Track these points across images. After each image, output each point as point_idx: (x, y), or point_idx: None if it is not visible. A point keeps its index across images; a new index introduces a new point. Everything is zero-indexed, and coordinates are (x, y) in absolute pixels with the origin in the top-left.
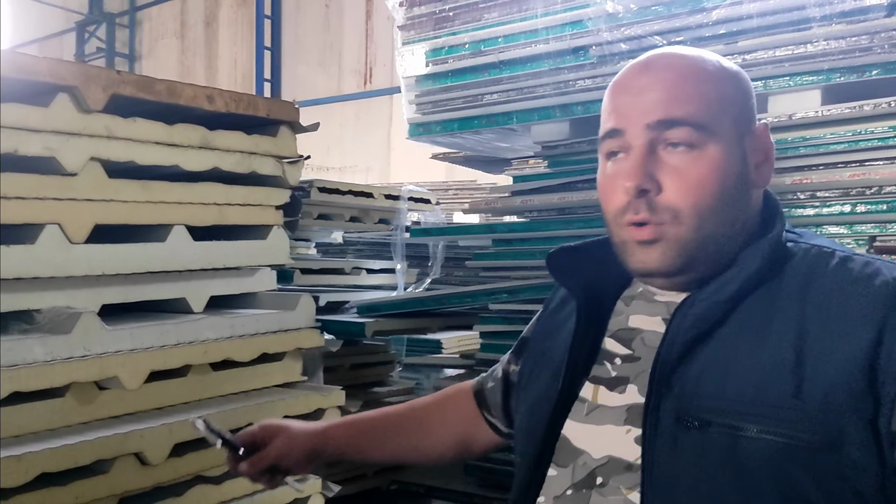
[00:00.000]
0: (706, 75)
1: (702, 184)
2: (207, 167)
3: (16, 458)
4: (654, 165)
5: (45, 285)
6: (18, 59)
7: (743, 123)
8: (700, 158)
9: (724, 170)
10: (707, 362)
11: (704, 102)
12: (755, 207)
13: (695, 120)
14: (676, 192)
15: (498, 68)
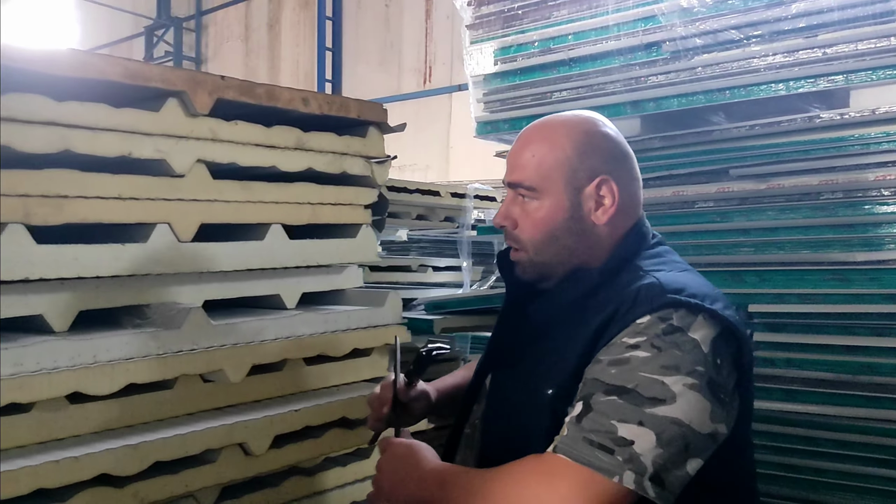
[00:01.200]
0: (545, 146)
1: (536, 226)
2: (302, 168)
3: (132, 447)
4: (515, 208)
5: (154, 282)
6: (131, 66)
7: (577, 179)
8: (536, 208)
9: (554, 217)
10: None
11: (537, 170)
12: (606, 240)
13: (528, 184)
14: (521, 230)
15: (567, 65)
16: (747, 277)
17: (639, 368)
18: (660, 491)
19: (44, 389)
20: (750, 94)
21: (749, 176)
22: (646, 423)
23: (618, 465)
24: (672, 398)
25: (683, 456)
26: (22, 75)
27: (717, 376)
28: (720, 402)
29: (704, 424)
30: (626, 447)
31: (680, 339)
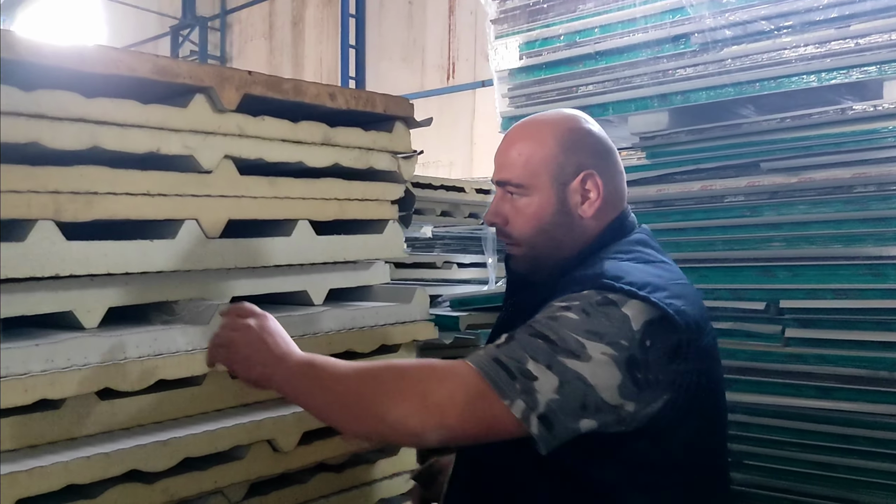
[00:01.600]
0: (531, 145)
1: (526, 221)
2: (329, 163)
3: (162, 443)
4: (505, 205)
5: (182, 278)
6: (160, 62)
7: (561, 177)
8: (526, 204)
9: (542, 212)
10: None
11: (524, 168)
12: (591, 231)
13: (516, 181)
14: (513, 226)
15: (593, 59)
16: (779, 273)
17: (565, 326)
18: (544, 432)
19: (74, 385)
20: (780, 85)
21: (780, 169)
22: (553, 367)
23: (513, 390)
24: (587, 359)
25: (579, 412)
26: (52, 72)
27: (640, 355)
28: (634, 381)
29: (610, 394)
30: (527, 379)
31: (611, 311)
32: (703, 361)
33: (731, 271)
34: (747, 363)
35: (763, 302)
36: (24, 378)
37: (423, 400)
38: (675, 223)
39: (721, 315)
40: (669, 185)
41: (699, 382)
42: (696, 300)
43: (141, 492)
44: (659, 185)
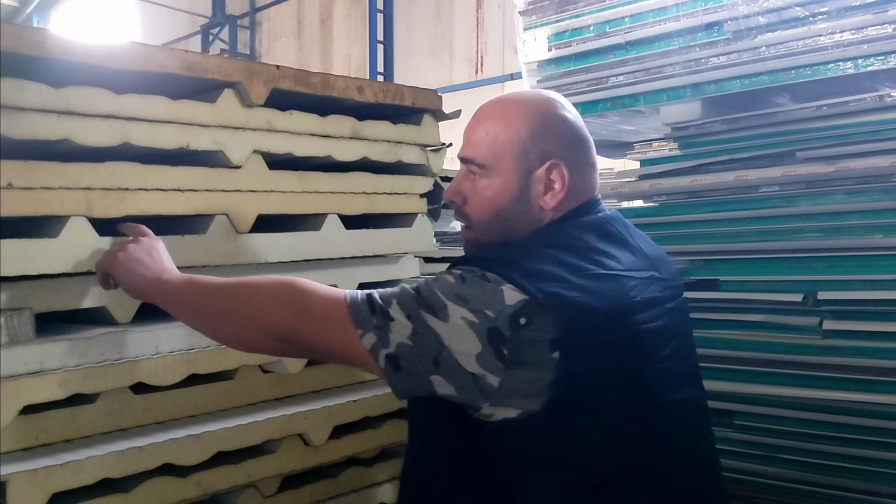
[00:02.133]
0: (499, 125)
1: (484, 204)
2: (357, 157)
3: (195, 437)
4: (466, 184)
5: (214, 273)
6: (189, 58)
7: (526, 163)
8: (485, 186)
9: (501, 195)
10: None
11: (489, 148)
12: (547, 221)
13: (479, 161)
14: (470, 207)
15: (624, 49)
16: (814, 264)
17: (437, 286)
18: (392, 371)
19: (108, 380)
20: (816, 73)
21: (816, 158)
22: (412, 317)
23: (369, 324)
24: (444, 318)
25: (429, 365)
26: (82, 69)
27: (507, 331)
28: (499, 355)
29: (467, 360)
30: (385, 319)
31: (487, 284)
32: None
33: (766, 263)
34: (783, 356)
35: (800, 294)
36: (58, 373)
37: (293, 301)
38: (709, 214)
39: (754, 307)
40: (703, 175)
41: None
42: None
43: (174, 485)
44: (692, 176)
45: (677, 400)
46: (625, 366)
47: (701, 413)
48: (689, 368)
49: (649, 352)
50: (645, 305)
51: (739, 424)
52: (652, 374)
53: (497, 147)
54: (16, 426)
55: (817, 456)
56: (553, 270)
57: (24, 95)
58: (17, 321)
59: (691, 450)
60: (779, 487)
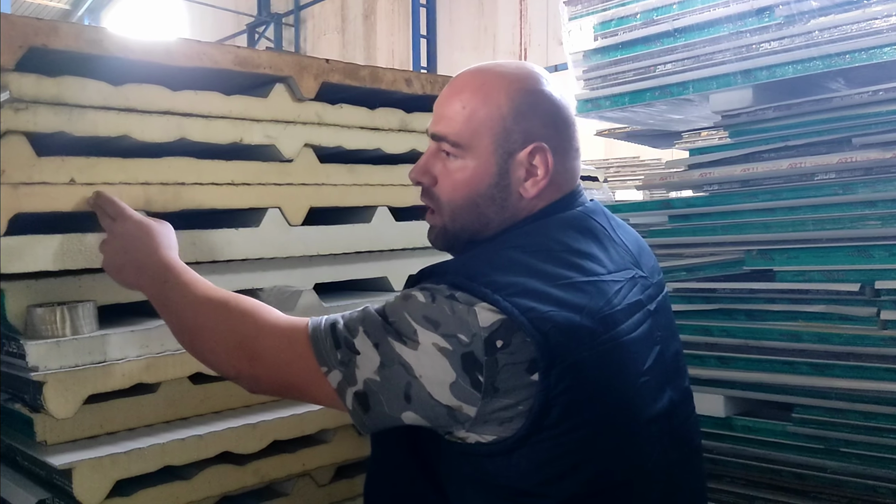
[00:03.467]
0: (477, 98)
1: (456, 188)
2: (406, 149)
3: (252, 426)
4: (437, 163)
5: (267, 265)
6: (242, 53)
7: (506, 144)
8: (460, 167)
9: (476, 179)
10: None
11: (465, 124)
12: (521, 213)
13: (452, 138)
14: (441, 189)
15: (672, 37)
16: (875, 252)
17: (406, 307)
18: (360, 411)
19: (169, 370)
20: (872, 57)
21: (874, 144)
22: (380, 347)
23: (333, 360)
24: (414, 346)
25: (400, 402)
26: (138, 66)
27: (483, 356)
28: (473, 383)
29: (440, 391)
30: (350, 352)
31: (458, 305)
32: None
33: (824, 252)
34: (843, 347)
35: (856, 284)
36: (121, 363)
37: (243, 345)
38: (764, 203)
39: (813, 298)
40: (756, 164)
41: (573, 397)
42: (593, 300)
43: (233, 473)
44: (745, 165)
45: (655, 414)
46: (605, 383)
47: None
48: (670, 371)
49: (630, 365)
50: (627, 313)
51: (799, 418)
52: (633, 391)
53: (475, 124)
54: (81, 415)
55: (881, 449)
56: (527, 282)
57: (85, 93)
58: (81, 313)
59: (665, 464)
60: (841, 482)
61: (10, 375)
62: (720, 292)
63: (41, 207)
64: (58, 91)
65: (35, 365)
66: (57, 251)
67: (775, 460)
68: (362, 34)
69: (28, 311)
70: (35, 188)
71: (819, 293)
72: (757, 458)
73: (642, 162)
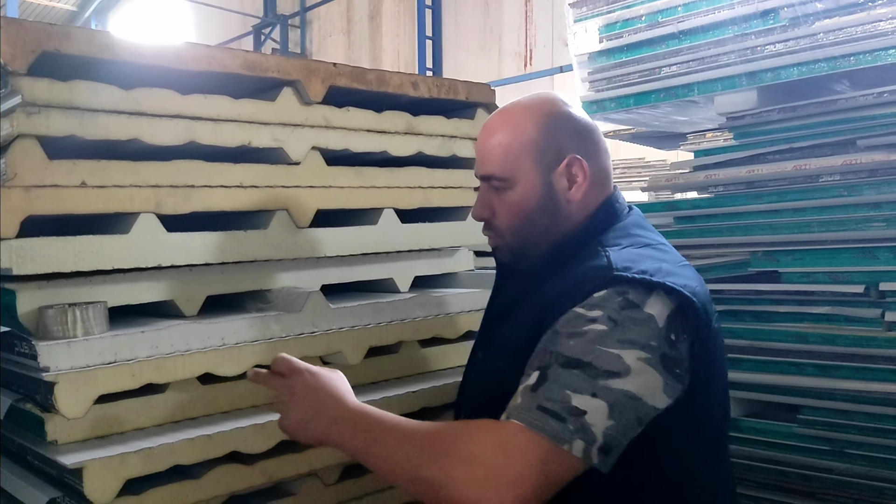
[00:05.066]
0: (509, 134)
1: (511, 213)
2: (412, 152)
3: (260, 426)
4: (490, 198)
5: (275, 267)
6: (250, 58)
7: (546, 160)
8: (510, 196)
9: (528, 201)
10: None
11: (505, 158)
12: (577, 215)
13: (499, 175)
14: (500, 218)
15: (677, 39)
16: (880, 254)
17: (596, 342)
18: (604, 458)
19: (178, 370)
20: (877, 59)
21: (879, 146)
22: (599, 394)
23: (568, 433)
24: (626, 371)
25: (634, 427)
26: (147, 70)
27: (670, 351)
28: (674, 376)
29: (657, 398)
30: (578, 416)
31: (636, 314)
32: (712, 343)
33: (829, 253)
34: (848, 349)
35: (861, 285)
36: (131, 363)
37: (494, 478)
38: (768, 205)
39: (818, 299)
40: (761, 165)
41: (706, 366)
42: (701, 280)
43: (241, 472)
44: (749, 166)
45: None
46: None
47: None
48: None
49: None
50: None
51: (805, 419)
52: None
53: (513, 155)
54: (91, 415)
55: (887, 451)
56: (665, 267)
57: (96, 97)
58: (92, 314)
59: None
60: (847, 483)
61: (22, 375)
62: (726, 293)
63: (53, 210)
64: (70, 95)
65: (46, 365)
66: (68, 253)
67: (781, 461)
68: (368, 35)
69: (39, 312)
70: (47, 191)
71: (825, 294)
72: (763, 460)
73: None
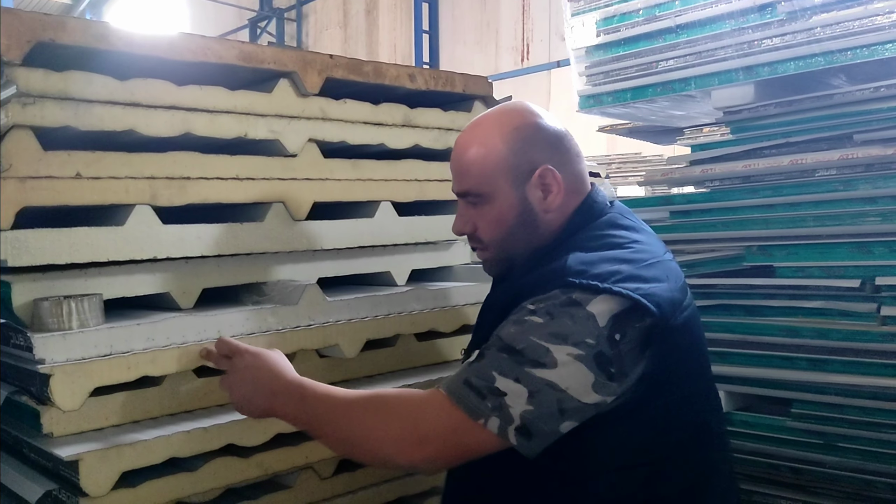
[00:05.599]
0: (481, 151)
1: (492, 227)
2: (409, 144)
3: (255, 419)
4: (471, 212)
5: (271, 260)
6: (246, 49)
7: (519, 175)
8: (487, 210)
9: (506, 215)
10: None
11: (479, 175)
12: (556, 222)
13: (475, 190)
14: (482, 231)
15: (674, 33)
16: (875, 249)
17: (530, 332)
18: (524, 441)
19: (174, 363)
20: (874, 53)
21: (875, 141)
22: (521, 380)
23: (486, 409)
24: (553, 364)
25: (557, 417)
26: (143, 61)
27: (609, 350)
28: (609, 376)
29: (585, 393)
30: (497, 396)
31: (575, 311)
32: (676, 341)
33: (824, 248)
34: (842, 343)
35: (857, 280)
36: (127, 356)
37: (406, 436)
38: (764, 199)
39: (813, 294)
40: (757, 160)
41: (671, 363)
42: (671, 276)
43: (237, 465)
44: (746, 161)
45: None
46: (683, 349)
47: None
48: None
49: (697, 329)
50: (684, 286)
51: (797, 413)
52: (704, 351)
53: (486, 173)
54: (86, 407)
55: (878, 445)
56: (621, 269)
57: (91, 88)
58: (88, 306)
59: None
60: (838, 477)
61: (17, 368)
62: (720, 288)
63: (48, 201)
64: (65, 86)
65: (42, 357)
66: (63, 245)
67: (773, 455)
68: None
69: (35, 304)
70: (42, 182)
71: (819, 289)
72: (755, 453)
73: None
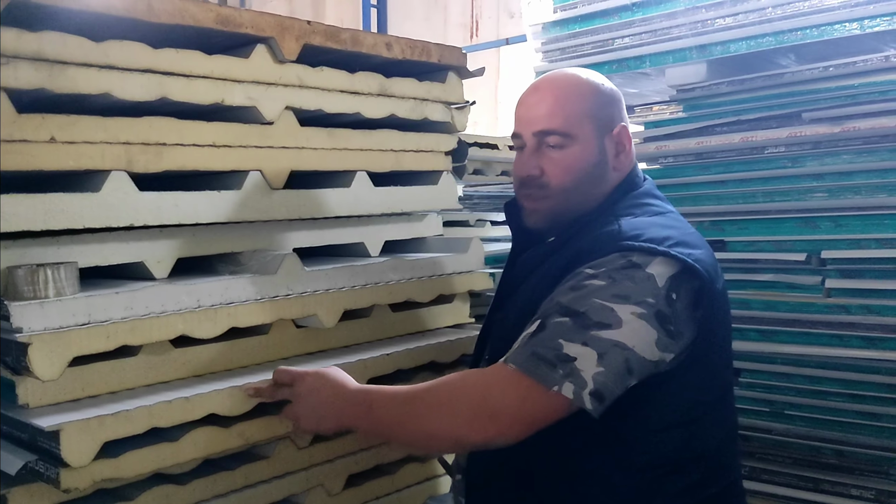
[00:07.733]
0: (575, 95)
1: (566, 172)
2: (385, 114)
3: (238, 387)
4: (540, 157)
5: (247, 230)
6: (224, 12)
7: (602, 127)
8: (566, 155)
9: (583, 162)
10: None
11: (570, 117)
12: (611, 183)
13: (562, 130)
14: (550, 176)
15: (630, 10)
16: (821, 223)
17: (592, 295)
18: (597, 404)
19: (153, 332)
20: (823, 34)
21: (823, 119)
22: (589, 343)
23: (558, 377)
24: (618, 323)
25: (625, 375)
26: (119, 23)
27: (667, 309)
28: (668, 333)
29: (650, 351)
30: (567, 363)
31: (635, 273)
32: (717, 305)
33: (773, 223)
34: (790, 314)
35: (803, 253)
36: (106, 325)
37: (478, 414)
38: (716, 175)
39: (762, 267)
40: (709, 137)
41: (713, 326)
42: (708, 247)
43: (219, 435)
44: (698, 138)
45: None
46: (721, 316)
47: None
48: None
49: (728, 303)
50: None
51: (746, 382)
52: (730, 324)
53: (577, 115)
54: (63, 378)
55: (824, 412)
56: (671, 235)
57: (66, 49)
58: (64, 274)
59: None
60: (786, 443)
61: None
62: None
63: (22, 166)
64: (39, 46)
65: (20, 326)
66: (38, 211)
67: None
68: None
69: (9, 272)
70: (15, 146)
71: (768, 262)
72: None
73: None
